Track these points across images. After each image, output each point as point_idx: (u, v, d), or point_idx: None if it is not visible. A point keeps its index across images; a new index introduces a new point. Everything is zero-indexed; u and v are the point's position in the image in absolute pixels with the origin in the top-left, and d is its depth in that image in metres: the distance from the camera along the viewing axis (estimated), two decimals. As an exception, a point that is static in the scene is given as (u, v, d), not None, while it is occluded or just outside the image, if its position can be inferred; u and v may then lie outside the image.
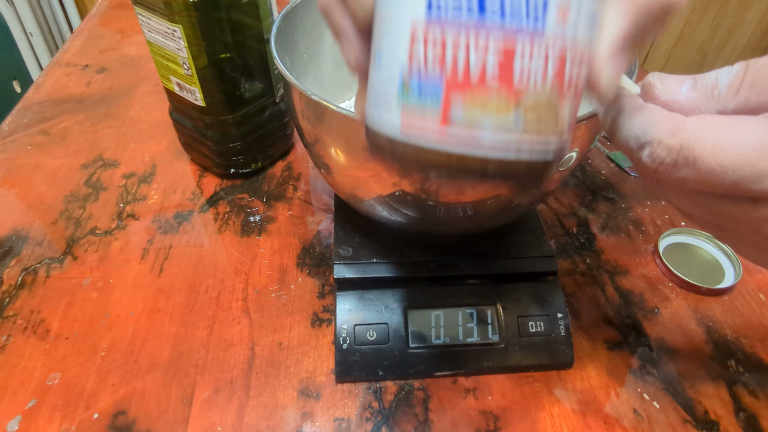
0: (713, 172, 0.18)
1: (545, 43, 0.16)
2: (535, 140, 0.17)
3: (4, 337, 0.39)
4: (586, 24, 0.17)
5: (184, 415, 0.35)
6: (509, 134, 0.17)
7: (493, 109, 0.17)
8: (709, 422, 0.35)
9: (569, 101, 0.18)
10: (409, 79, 0.17)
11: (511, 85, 0.16)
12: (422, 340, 0.37)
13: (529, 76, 0.16)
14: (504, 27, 0.16)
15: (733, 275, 0.44)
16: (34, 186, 0.52)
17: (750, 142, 0.18)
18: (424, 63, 0.17)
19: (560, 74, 0.17)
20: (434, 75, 0.17)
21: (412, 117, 0.18)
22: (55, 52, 1.37)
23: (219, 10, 0.41)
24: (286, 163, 0.55)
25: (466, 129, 0.17)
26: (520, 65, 0.16)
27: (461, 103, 0.17)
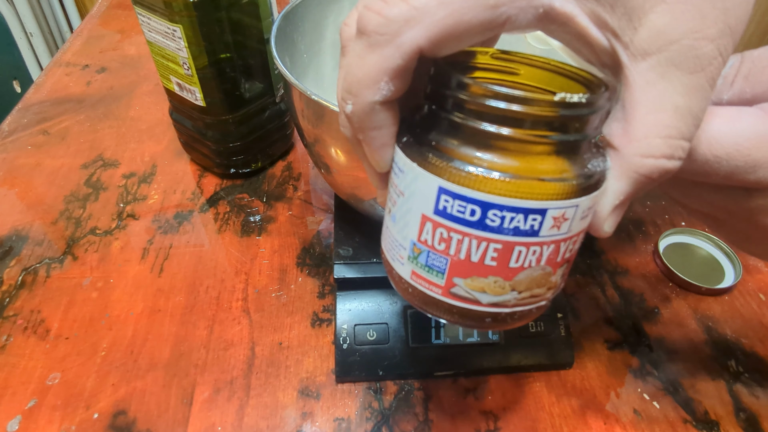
0: (708, 163, 0.18)
1: (540, 244, 0.18)
2: (529, 302, 0.20)
3: (4, 337, 0.39)
4: (581, 219, 0.18)
5: (184, 415, 0.35)
6: (504, 302, 0.19)
7: (490, 290, 0.19)
8: (709, 422, 0.35)
9: (564, 267, 0.20)
10: (419, 252, 0.20)
11: (507, 274, 0.19)
12: (422, 340, 0.37)
13: (523, 266, 0.18)
14: (501, 236, 0.18)
15: (733, 275, 0.44)
16: (34, 186, 0.52)
17: (744, 132, 0.18)
18: (431, 246, 0.19)
19: (554, 257, 0.19)
20: (439, 257, 0.19)
21: (419, 276, 0.20)
22: (55, 52, 1.37)
23: (219, 10, 0.41)
24: (286, 163, 0.55)
25: (465, 299, 0.20)
26: (516, 259, 0.18)
27: (461, 282, 0.19)
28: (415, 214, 0.19)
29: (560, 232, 0.18)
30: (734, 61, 0.20)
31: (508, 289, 0.19)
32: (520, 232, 0.18)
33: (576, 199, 0.18)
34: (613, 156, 0.18)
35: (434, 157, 0.18)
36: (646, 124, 0.17)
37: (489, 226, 0.18)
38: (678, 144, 0.17)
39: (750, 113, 0.18)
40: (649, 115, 0.17)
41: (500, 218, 0.17)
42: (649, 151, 0.17)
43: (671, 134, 0.17)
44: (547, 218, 0.17)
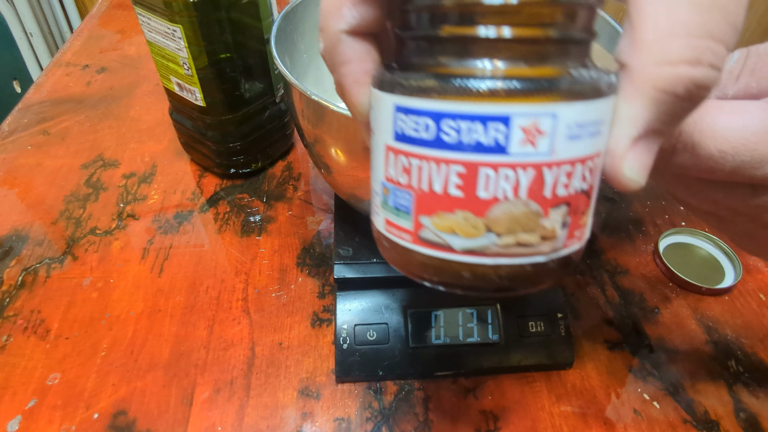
0: (712, 158, 0.17)
1: (512, 165, 0.15)
2: (516, 252, 0.16)
3: (4, 337, 0.39)
4: (572, 140, 0.15)
5: (184, 415, 0.35)
6: (482, 249, 0.16)
7: (461, 230, 0.16)
8: (709, 422, 0.35)
9: (562, 210, 0.16)
10: (387, 193, 0.18)
11: (477, 207, 0.16)
12: (422, 340, 0.37)
13: (496, 196, 0.15)
14: (461, 155, 0.15)
15: (733, 275, 0.44)
16: (34, 186, 0.52)
17: (750, 126, 0.17)
18: (396, 182, 0.17)
19: (538, 189, 0.15)
20: (403, 193, 0.17)
21: (390, 223, 0.18)
22: (55, 52, 1.37)
23: (219, 10, 0.41)
24: (286, 163, 0.55)
25: (436, 245, 0.17)
26: (484, 186, 0.15)
27: (429, 222, 0.17)
28: (381, 148, 0.17)
29: (538, 152, 0.15)
30: (740, 55, 0.19)
31: (483, 229, 0.16)
32: (483, 147, 0.15)
33: (550, 104, 0.14)
34: (624, 76, 0.15)
35: (388, 73, 0.17)
36: (658, 23, 0.14)
37: (446, 143, 0.15)
38: (705, 45, 0.14)
39: (756, 107, 0.17)
40: (660, 13, 0.14)
41: (456, 130, 0.15)
42: (666, 56, 0.14)
43: (692, 31, 0.14)
44: (513, 128, 0.14)
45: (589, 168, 0.16)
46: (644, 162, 0.16)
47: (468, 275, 0.17)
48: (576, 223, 0.17)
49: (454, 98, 0.15)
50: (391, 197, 0.17)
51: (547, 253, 0.16)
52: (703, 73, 0.14)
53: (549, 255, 0.17)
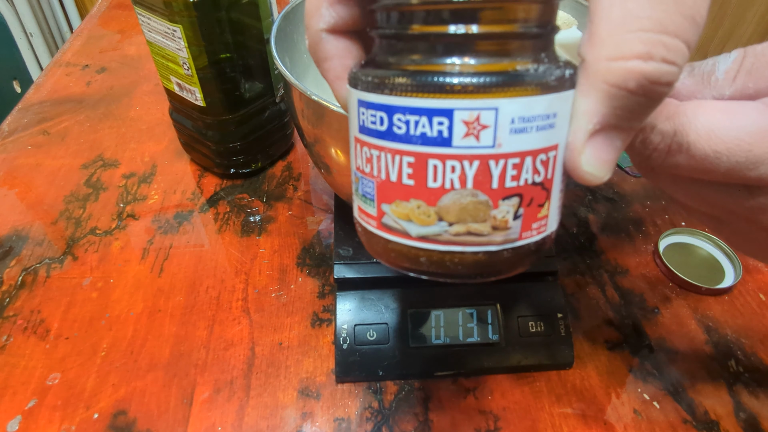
0: (707, 159, 0.17)
1: (458, 157, 0.16)
2: (467, 241, 0.17)
3: (4, 337, 0.39)
4: (517, 134, 0.15)
5: (184, 415, 0.35)
6: (435, 236, 0.17)
7: (416, 217, 0.17)
8: (709, 422, 0.35)
9: (513, 202, 0.16)
10: (357, 181, 0.19)
11: (428, 196, 0.16)
12: (422, 340, 0.37)
13: (444, 186, 0.16)
14: (411, 146, 0.16)
15: (733, 275, 0.44)
16: (34, 186, 0.52)
17: (746, 127, 0.17)
18: (362, 171, 0.18)
19: (485, 180, 0.16)
20: (368, 181, 0.18)
21: (361, 210, 0.19)
22: (55, 52, 1.37)
23: (219, 10, 0.41)
24: (286, 163, 0.55)
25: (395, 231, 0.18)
26: (433, 177, 0.16)
27: (388, 208, 0.18)
28: (352, 139, 0.18)
29: (482, 145, 0.15)
30: (737, 55, 0.19)
31: (435, 218, 0.17)
32: (429, 139, 0.16)
33: (491, 99, 0.15)
34: (581, 70, 0.15)
35: (356, 69, 0.18)
36: (612, 17, 0.14)
37: (397, 135, 0.16)
38: (657, 39, 0.14)
39: (752, 107, 0.17)
40: (615, 6, 0.14)
41: (405, 123, 0.16)
42: (618, 51, 0.14)
43: (644, 25, 0.14)
44: (456, 122, 0.15)
45: (542, 161, 0.16)
46: (603, 157, 0.16)
47: (425, 261, 0.18)
48: (532, 215, 0.17)
49: (402, 93, 0.16)
50: (360, 185, 0.19)
51: (499, 243, 0.17)
52: (655, 68, 0.14)
53: (502, 245, 0.17)
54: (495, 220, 0.16)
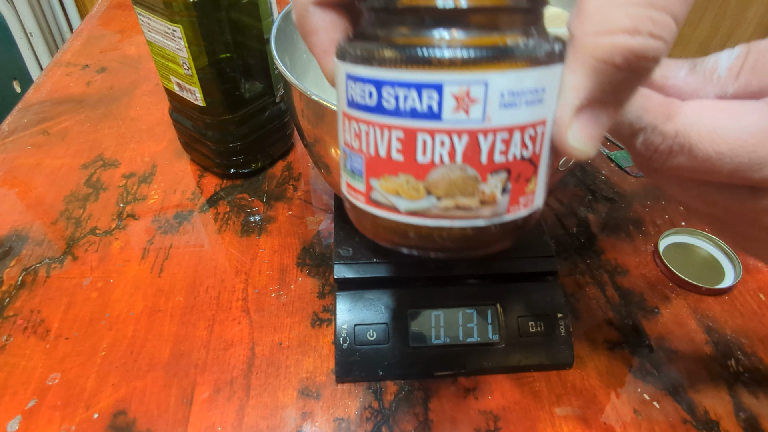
0: (710, 160, 0.17)
1: (447, 131, 0.16)
2: (456, 215, 0.17)
3: (4, 337, 0.39)
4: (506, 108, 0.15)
5: (184, 415, 0.35)
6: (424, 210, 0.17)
7: (404, 192, 0.17)
8: (709, 422, 0.35)
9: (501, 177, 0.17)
10: (346, 157, 0.19)
11: (417, 171, 0.16)
12: (422, 340, 0.37)
13: (434, 161, 0.16)
14: (400, 120, 0.16)
15: (733, 275, 0.44)
16: (34, 186, 0.52)
17: (749, 127, 0.16)
18: (350, 146, 0.18)
19: (473, 155, 0.16)
20: (356, 156, 0.18)
21: (350, 186, 0.19)
22: (55, 52, 1.37)
23: (219, 10, 0.41)
24: (286, 163, 0.55)
25: (384, 206, 0.18)
26: (422, 151, 0.16)
27: (377, 183, 0.18)
28: (340, 114, 0.18)
29: (471, 119, 0.15)
30: (739, 51, 0.18)
31: (423, 192, 0.17)
32: (419, 114, 0.16)
33: (481, 73, 0.15)
34: (570, 45, 0.15)
35: (344, 42, 0.18)
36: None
37: (386, 109, 0.16)
38: (645, 14, 0.14)
39: (755, 108, 0.17)
40: None
41: (394, 97, 0.16)
42: (605, 25, 0.14)
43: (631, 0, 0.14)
44: (445, 96, 0.15)
45: (530, 136, 0.16)
46: (589, 132, 0.16)
47: (414, 235, 0.18)
48: (519, 189, 0.17)
49: (391, 66, 0.15)
50: (348, 161, 0.18)
51: (487, 217, 0.17)
52: (642, 43, 0.14)
53: (490, 219, 0.17)
54: (483, 194, 0.16)
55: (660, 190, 0.54)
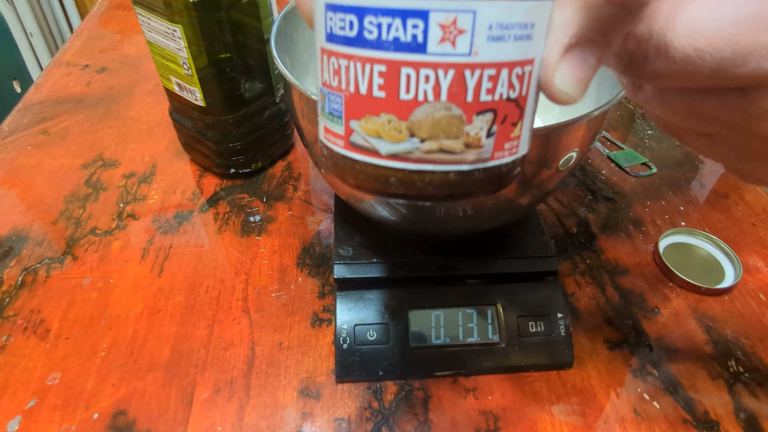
0: (689, 60, 0.15)
1: (432, 65, 0.15)
2: (439, 159, 0.16)
3: (4, 337, 0.39)
4: (495, 42, 0.15)
5: (184, 415, 0.35)
6: (406, 153, 0.16)
7: (386, 134, 0.16)
8: (709, 422, 0.35)
9: (487, 118, 0.16)
10: (324, 98, 0.18)
11: (400, 110, 0.16)
12: (422, 340, 0.37)
13: (417, 98, 0.15)
14: (383, 53, 0.15)
15: (733, 275, 0.44)
16: (34, 186, 0.52)
17: (729, 16, 0.15)
18: (329, 85, 0.17)
19: (459, 92, 0.15)
20: (335, 96, 0.17)
21: (327, 130, 0.18)
22: (55, 52, 1.37)
23: (219, 10, 0.41)
24: (286, 163, 0.55)
25: (364, 150, 0.17)
26: (406, 87, 0.15)
27: (357, 125, 0.17)
28: (318, 52, 0.17)
29: (458, 53, 0.15)
30: None
31: (406, 133, 0.16)
32: (402, 45, 0.15)
33: (468, 0, 0.14)
34: None
35: None
36: None
37: (368, 41, 0.15)
38: None
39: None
40: None
41: (377, 26, 0.15)
42: None
43: None
44: (431, 25, 0.14)
45: (518, 75, 0.16)
46: (577, 74, 0.15)
47: (395, 181, 0.17)
48: (505, 133, 0.16)
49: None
50: (327, 102, 0.18)
51: (471, 161, 0.16)
52: None
53: (474, 164, 0.17)
54: (468, 136, 0.16)
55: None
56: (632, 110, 0.66)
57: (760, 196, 0.53)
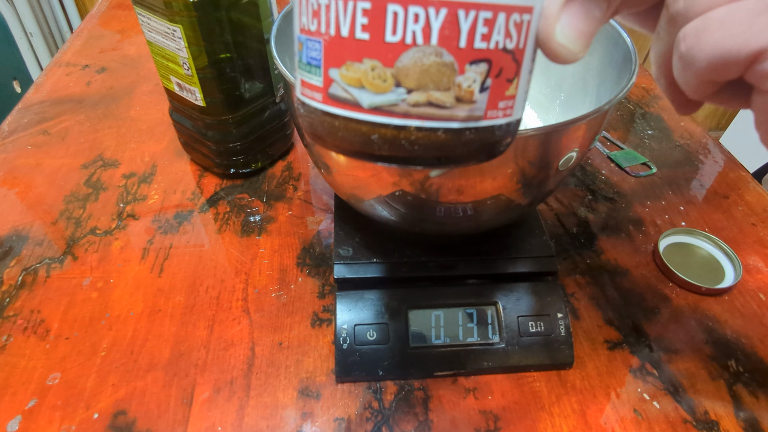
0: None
1: (423, 3, 0.13)
2: (427, 113, 0.15)
3: (4, 337, 0.39)
4: None
5: (184, 415, 0.35)
6: (390, 106, 0.15)
7: (369, 83, 0.14)
8: (709, 422, 0.35)
9: (481, 68, 0.14)
10: (301, 47, 0.16)
11: (385, 55, 0.14)
12: (422, 340, 0.37)
13: (405, 41, 0.14)
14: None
15: (733, 275, 0.44)
16: (34, 186, 0.52)
17: None
18: (307, 30, 0.16)
19: (452, 37, 0.14)
20: (314, 42, 0.15)
21: (304, 83, 0.17)
22: (55, 52, 1.37)
23: (219, 10, 0.41)
24: (286, 163, 0.55)
25: (345, 102, 0.15)
26: (392, 28, 0.14)
27: (337, 74, 0.15)
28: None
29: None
30: None
31: (392, 82, 0.14)
32: None
33: None
34: None
35: None
36: None
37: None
38: None
39: None
40: None
41: None
42: None
43: None
44: None
45: (516, 23, 0.14)
46: (578, 27, 0.14)
47: (377, 139, 0.15)
48: (499, 90, 0.15)
49: None
50: (304, 51, 0.16)
51: (462, 119, 0.15)
52: None
53: (465, 122, 0.15)
54: (460, 89, 0.14)
55: (660, 189, 0.54)
56: (632, 110, 0.66)
57: (760, 196, 0.53)
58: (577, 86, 0.42)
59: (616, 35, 0.36)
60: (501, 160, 0.29)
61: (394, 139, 0.15)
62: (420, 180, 0.30)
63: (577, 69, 0.42)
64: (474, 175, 0.29)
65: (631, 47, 0.34)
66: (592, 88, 0.40)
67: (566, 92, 0.43)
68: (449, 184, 0.30)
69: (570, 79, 0.43)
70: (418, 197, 0.32)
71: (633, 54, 0.34)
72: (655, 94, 0.69)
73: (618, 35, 0.36)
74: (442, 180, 0.30)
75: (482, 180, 0.30)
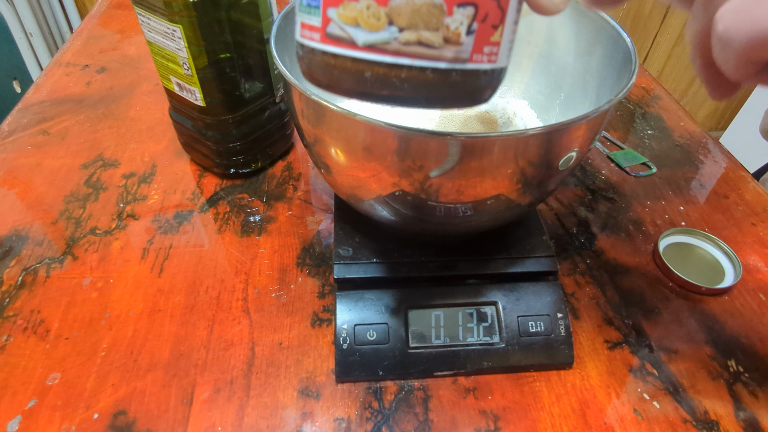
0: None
1: None
2: (417, 52, 0.16)
3: (4, 337, 0.39)
4: None
5: (184, 415, 0.35)
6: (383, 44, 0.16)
7: (364, 21, 0.16)
8: (709, 422, 0.35)
9: (466, 9, 0.15)
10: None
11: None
12: (422, 340, 0.37)
13: None
14: None
15: (733, 275, 0.44)
16: (34, 186, 0.52)
17: None
18: None
19: None
20: None
21: (304, 25, 0.17)
22: (55, 52, 1.37)
23: (219, 10, 0.41)
24: (286, 163, 0.55)
25: (341, 41, 0.16)
26: None
27: (335, 13, 0.16)
28: None
29: None
30: None
31: (385, 20, 0.15)
32: None
33: None
34: None
35: None
36: None
37: None
38: None
39: None
40: None
41: None
42: None
43: None
44: None
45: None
46: None
47: (370, 77, 0.16)
48: (485, 34, 0.16)
49: None
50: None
51: (449, 59, 0.16)
52: None
53: (452, 63, 0.16)
54: (448, 30, 0.16)
55: (660, 189, 0.54)
56: (632, 110, 0.66)
57: (760, 196, 0.53)
58: (577, 86, 0.42)
59: (616, 35, 0.36)
60: (501, 160, 0.29)
61: (385, 77, 0.16)
62: (420, 180, 0.30)
63: (577, 69, 0.42)
64: (474, 175, 0.29)
65: (631, 47, 0.34)
66: (592, 88, 0.40)
67: (566, 92, 0.43)
68: (449, 184, 0.30)
69: (570, 79, 0.43)
70: (418, 197, 0.32)
71: (633, 54, 0.34)
72: (655, 94, 0.69)
73: (618, 35, 0.36)
74: (442, 180, 0.30)
75: (482, 180, 0.30)
